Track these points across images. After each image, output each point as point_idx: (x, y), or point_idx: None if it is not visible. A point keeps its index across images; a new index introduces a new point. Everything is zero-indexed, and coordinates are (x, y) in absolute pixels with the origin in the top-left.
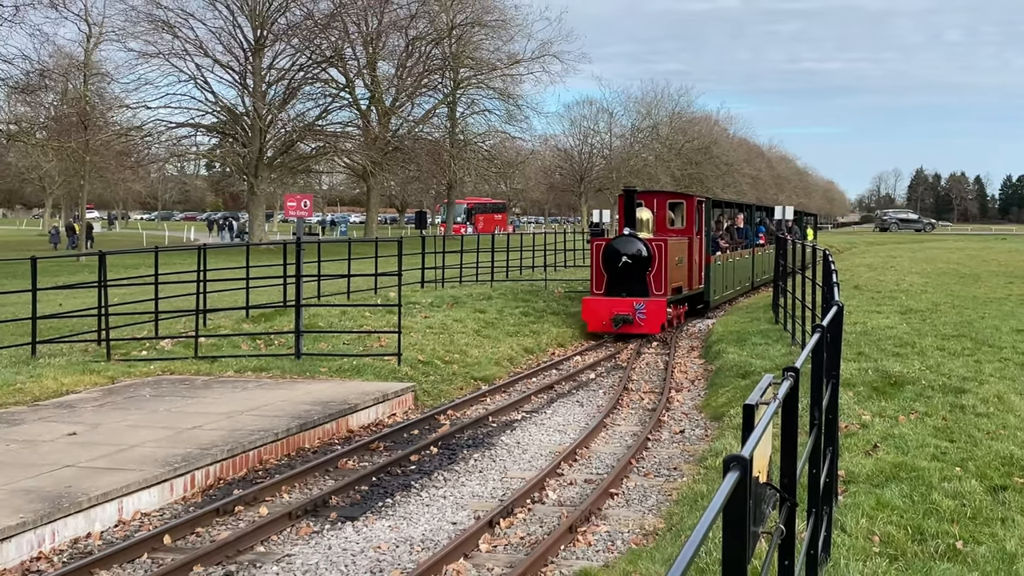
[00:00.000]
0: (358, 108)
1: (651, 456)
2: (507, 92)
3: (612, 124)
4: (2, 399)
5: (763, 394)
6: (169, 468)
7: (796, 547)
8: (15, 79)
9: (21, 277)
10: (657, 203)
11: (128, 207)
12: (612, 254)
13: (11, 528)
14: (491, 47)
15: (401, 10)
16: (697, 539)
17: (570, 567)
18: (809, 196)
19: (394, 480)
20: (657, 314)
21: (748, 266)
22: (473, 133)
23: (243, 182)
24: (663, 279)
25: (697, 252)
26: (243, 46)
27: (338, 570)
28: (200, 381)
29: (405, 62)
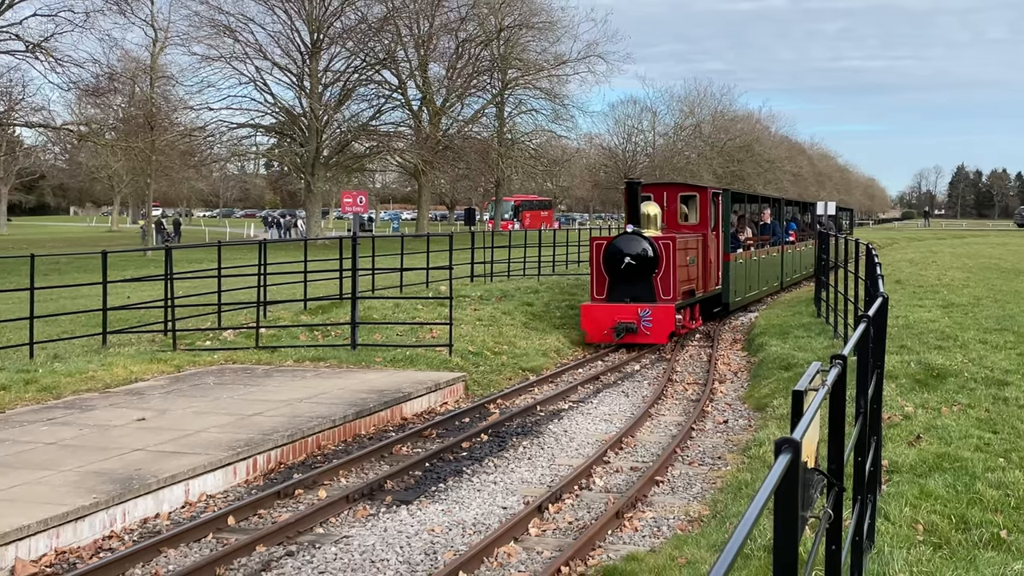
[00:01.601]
0: (410, 108)
1: (695, 445)
2: (553, 92)
3: (655, 123)
4: (76, 386)
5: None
6: (232, 452)
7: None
8: (86, 82)
9: (92, 271)
10: (667, 196)
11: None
12: (613, 255)
13: (85, 508)
14: (538, 48)
15: (452, 13)
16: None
17: (617, 551)
18: (850, 193)
19: (446, 466)
20: (665, 322)
21: (776, 265)
22: (520, 132)
23: (300, 180)
24: (671, 282)
25: (713, 250)
26: (300, 49)
27: (394, 551)
28: (261, 370)
29: (455, 64)
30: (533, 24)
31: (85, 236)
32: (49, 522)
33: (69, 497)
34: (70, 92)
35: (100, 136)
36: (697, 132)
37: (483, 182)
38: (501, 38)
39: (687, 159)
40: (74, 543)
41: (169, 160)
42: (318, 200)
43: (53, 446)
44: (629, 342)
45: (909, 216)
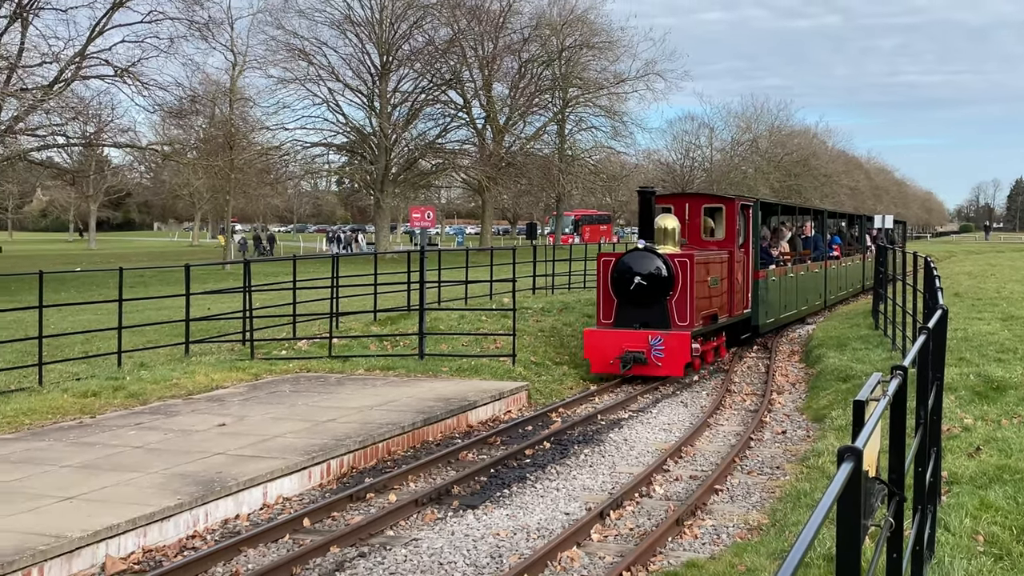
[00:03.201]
0: (474, 127)
1: (754, 455)
2: (613, 109)
3: (713, 138)
4: (161, 392)
5: (872, 391)
6: (308, 457)
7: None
8: (170, 104)
9: (174, 284)
10: (690, 209)
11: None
12: (622, 273)
13: (170, 508)
14: (598, 67)
15: (515, 35)
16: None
17: (678, 558)
18: (907, 206)
19: (510, 472)
20: (679, 351)
21: (817, 282)
22: (580, 149)
23: (370, 197)
24: (689, 305)
25: (741, 268)
26: (371, 71)
27: (461, 554)
28: (334, 378)
29: (518, 83)
30: (593, 44)
31: (168, 250)
32: (137, 521)
33: (155, 498)
34: (155, 114)
35: (182, 155)
36: (754, 147)
37: (544, 197)
38: (562, 58)
39: (744, 174)
40: (160, 542)
41: (247, 178)
42: (387, 215)
43: (140, 449)
44: (637, 374)
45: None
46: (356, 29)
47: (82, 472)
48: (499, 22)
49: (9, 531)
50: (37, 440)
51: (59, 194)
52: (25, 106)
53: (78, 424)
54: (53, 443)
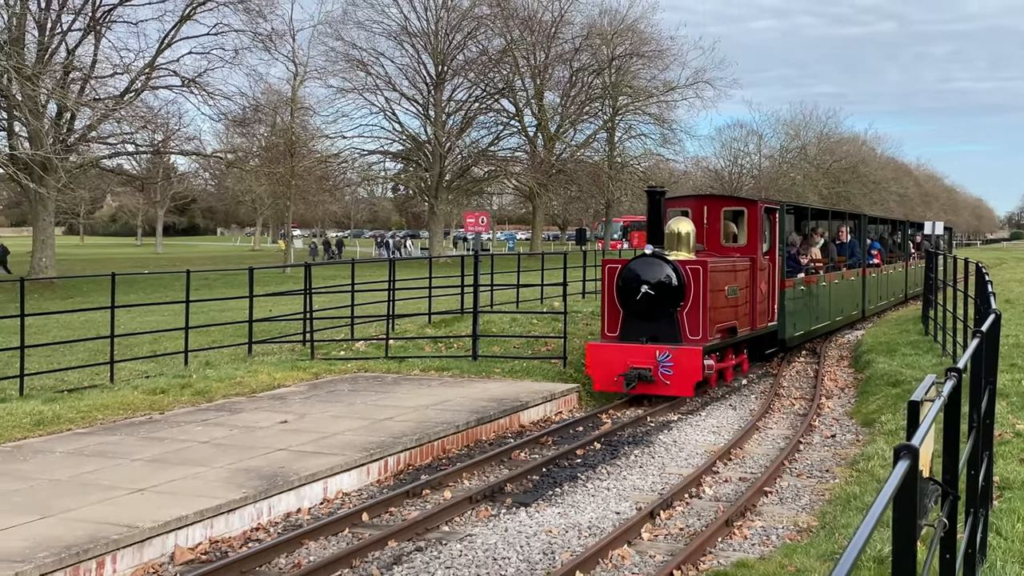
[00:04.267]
0: (526, 135)
1: (803, 458)
2: (662, 117)
3: (761, 146)
4: (225, 390)
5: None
6: (366, 454)
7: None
8: (234, 113)
9: (237, 286)
10: (708, 212)
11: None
12: (628, 282)
13: (236, 501)
14: (648, 76)
15: (566, 44)
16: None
17: (727, 558)
18: (957, 213)
19: (562, 471)
20: (688, 369)
21: (854, 291)
22: (630, 156)
23: (424, 203)
24: (701, 317)
25: (766, 276)
26: (426, 81)
27: (514, 550)
28: (390, 378)
29: (569, 92)
30: (643, 53)
31: (230, 254)
32: (204, 513)
33: (221, 491)
34: (219, 123)
35: (245, 163)
36: (803, 154)
37: (594, 204)
38: (613, 67)
39: (792, 180)
40: (226, 533)
41: (306, 184)
42: (440, 221)
43: (207, 444)
44: (642, 393)
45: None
46: (412, 40)
47: (152, 465)
48: (551, 32)
49: (84, 520)
50: (109, 434)
51: (128, 200)
52: (97, 115)
53: (148, 420)
54: (124, 437)
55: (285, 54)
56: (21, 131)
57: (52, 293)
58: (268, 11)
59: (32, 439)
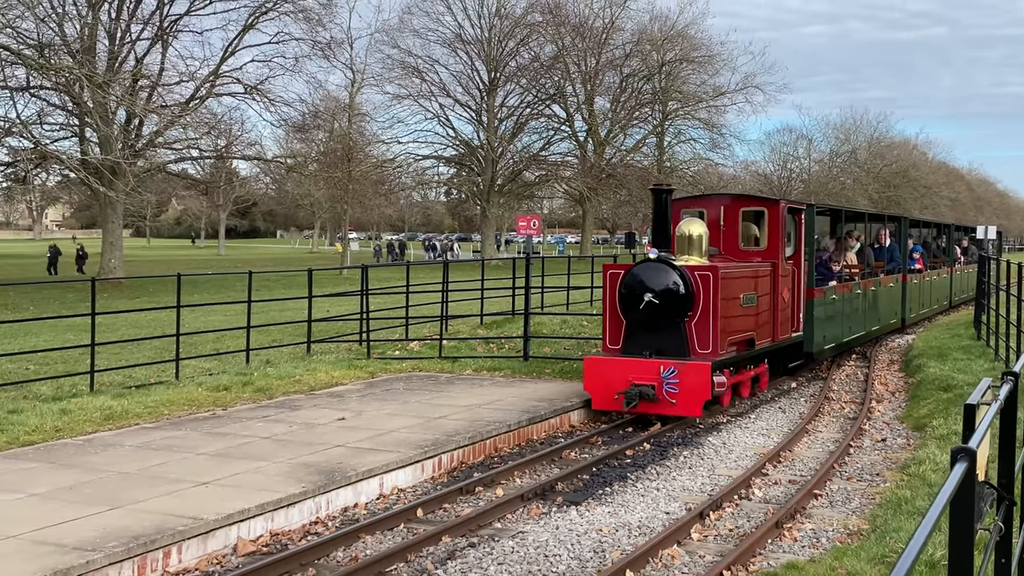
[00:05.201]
0: (576, 140)
1: (853, 462)
2: (711, 122)
3: (811, 150)
4: (285, 388)
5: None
6: (421, 451)
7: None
8: (294, 120)
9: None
10: (726, 212)
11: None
12: (631, 289)
13: (295, 495)
14: (697, 81)
15: (617, 50)
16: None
17: (777, 559)
18: (1009, 218)
19: (611, 471)
20: (696, 386)
21: (892, 298)
22: (679, 160)
23: (476, 206)
24: (711, 329)
25: (789, 283)
26: (479, 87)
27: (565, 548)
28: (444, 378)
29: (619, 97)
30: (693, 58)
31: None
32: (265, 507)
33: (282, 485)
34: (280, 128)
35: (304, 167)
36: (852, 159)
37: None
38: (662, 72)
39: (842, 185)
40: (286, 526)
41: (363, 188)
42: (492, 224)
43: (268, 440)
44: (644, 412)
45: None
46: (466, 47)
47: (216, 460)
48: (602, 38)
49: (152, 512)
50: (175, 429)
51: (192, 203)
52: (164, 121)
53: (211, 415)
54: (189, 432)
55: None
56: (92, 137)
57: (120, 293)
58: (327, 20)
59: (102, 433)
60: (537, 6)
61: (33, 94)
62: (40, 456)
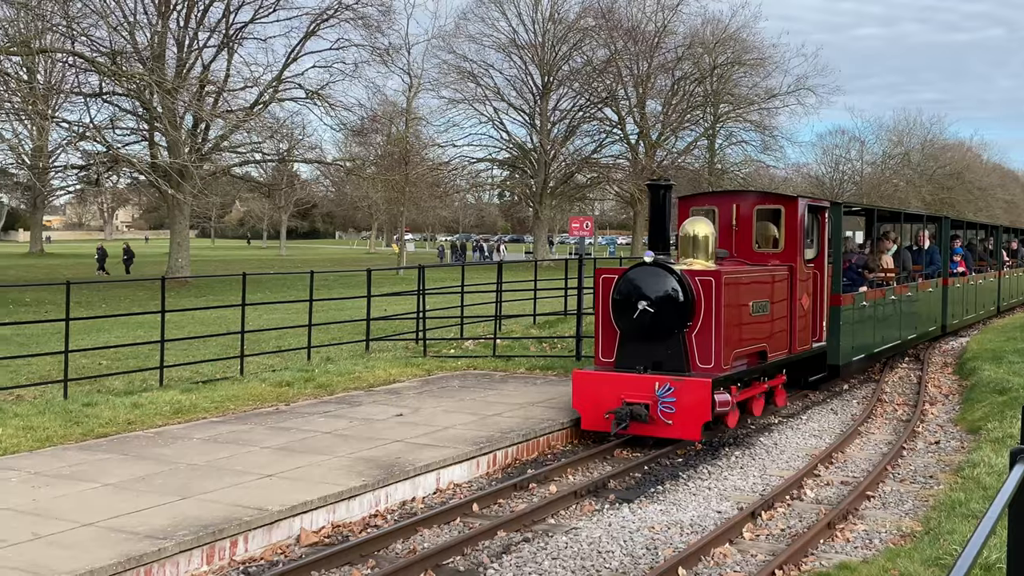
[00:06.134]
0: (628, 142)
1: (906, 464)
2: (763, 124)
3: (863, 152)
4: (345, 384)
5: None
6: (476, 447)
7: None
8: (353, 124)
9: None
10: (738, 211)
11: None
12: (626, 295)
13: (356, 489)
14: (749, 83)
15: (669, 54)
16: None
17: (829, 559)
18: None
19: (663, 470)
20: (695, 406)
21: (931, 304)
22: (730, 162)
23: (529, 208)
24: (715, 340)
25: (809, 289)
26: (533, 91)
27: (618, 544)
28: (498, 376)
29: (671, 100)
30: (745, 61)
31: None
32: (327, 499)
33: (343, 479)
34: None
35: (363, 170)
36: (905, 161)
37: None
38: (714, 75)
39: (895, 187)
40: (347, 519)
41: (419, 191)
42: (544, 226)
43: (329, 435)
44: (636, 434)
45: None
46: (520, 52)
47: (279, 453)
48: (654, 42)
49: (219, 502)
50: (240, 423)
51: (255, 205)
52: (229, 126)
53: (275, 411)
54: (254, 426)
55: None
56: (161, 141)
57: (187, 291)
58: (386, 26)
59: (171, 426)
60: (590, 11)
61: (106, 100)
62: (113, 447)
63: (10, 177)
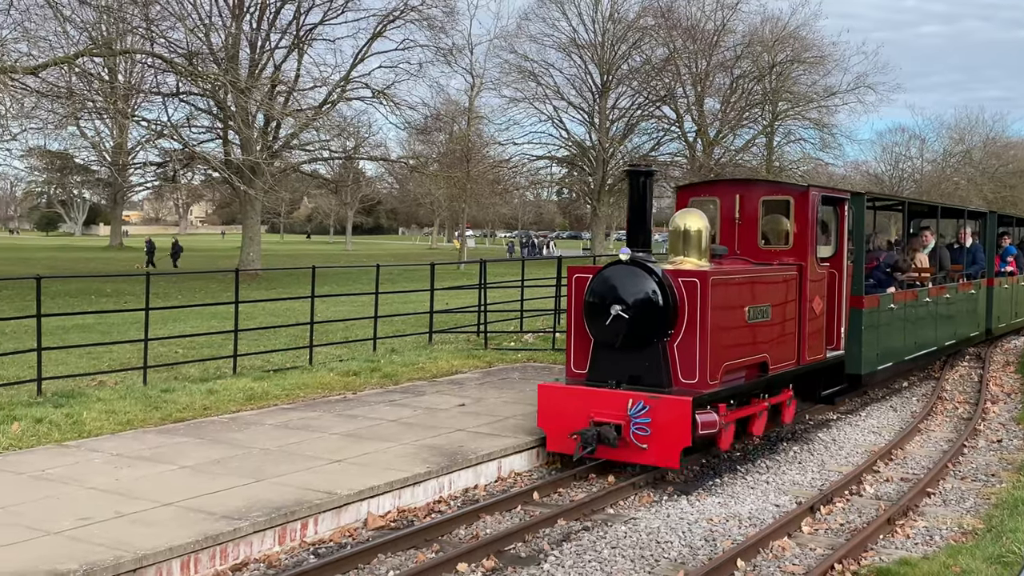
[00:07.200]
0: (686, 140)
1: (967, 462)
2: (822, 122)
3: (923, 150)
4: (409, 375)
5: None
6: (536, 438)
7: None
8: (417, 122)
9: (416, 280)
10: (742, 203)
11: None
12: (600, 297)
13: (420, 475)
14: (808, 81)
15: (727, 52)
16: None
17: (889, 555)
18: None
19: (721, 463)
20: (673, 428)
21: (973, 307)
22: (788, 160)
23: (587, 205)
24: (699, 351)
25: (823, 290)
26: (592, 89)
27: (676, 535)
28: (557, 368)
29: (729, 98)
30: (804, 59)
31: (410, 252)
32: (393, 484)
33: (408, 465)
34: (403, 131)
35: (426, 168)
36: (967, 159)
37: None
38: (773, 73)
39: (956, 185)
40: (411, 504)
41: (480, 188)
42: (602, 223)
43: (394, 423)
44: (604, 459)
45: None
46: (580, 51)
47: (347, 439)
48: (713, 41)
49: (291, 485)
50: (310, 410)
51: (322, 201)
52: (299, 125)
53: (342, 399)
54: (323, 414)
55: (464, 67)
56: (234, 139)
57: (258, 284)
58: (450, 27)
59: (245, 412)
60: (649, 10)
61: (182, 99)
62: (190, 432)
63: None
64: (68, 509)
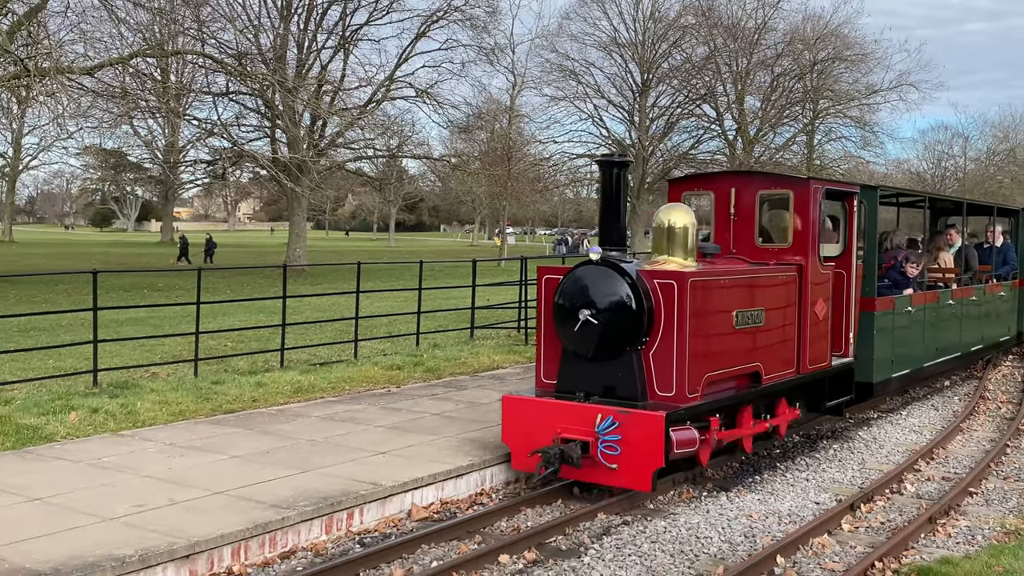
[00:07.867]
0: (726, 138)
1: (1010, 461)
2: (863, 120)
3: (967, 148)
4: (451, 369)
5: None
6: None
7: None
8: (459, 121)
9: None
10: (737, 196)
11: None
12: (569, 300)
13: (463, 468)
14: (850, 79)
15: (768, 50)
16: None
17: (930, 554)
18: None
19: (761, 460)
20: (645, 447)
21: (1001, 308)
22: (829, 158)
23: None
24: (677, 360)
25: (828, 292)
26: (632, 88)
27: (716, 531)
28: None
29: (769, 96)
30: (846, 57)
31: (452, 249)
32: (437, 476)
33: (450, 457)
34: (446, 129)
35: (467, 166)
36: (1011, 157)
37: None
38: (814, 71)
39: (999, 183)
40: (454, 496)
41: (520, 186)
42: (641, 221)
43: (437, 416)
44: (568, 479)
45: None
46: (620, 50)
47: (391, 432)
48: (754, 39)
49: (337, 476)
50: (355, 403)
51: (366, 199)
52: (344, 123)
53: (386, 392)
54: (367, 406)
55: (505, 66)
56: (281, 137)
57: (304, 279)
58: (492, 27)
59: (292, 404)
60: (690, 9)
61: (232, 99)
62: (240, 423)
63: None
64: (123, 496)
